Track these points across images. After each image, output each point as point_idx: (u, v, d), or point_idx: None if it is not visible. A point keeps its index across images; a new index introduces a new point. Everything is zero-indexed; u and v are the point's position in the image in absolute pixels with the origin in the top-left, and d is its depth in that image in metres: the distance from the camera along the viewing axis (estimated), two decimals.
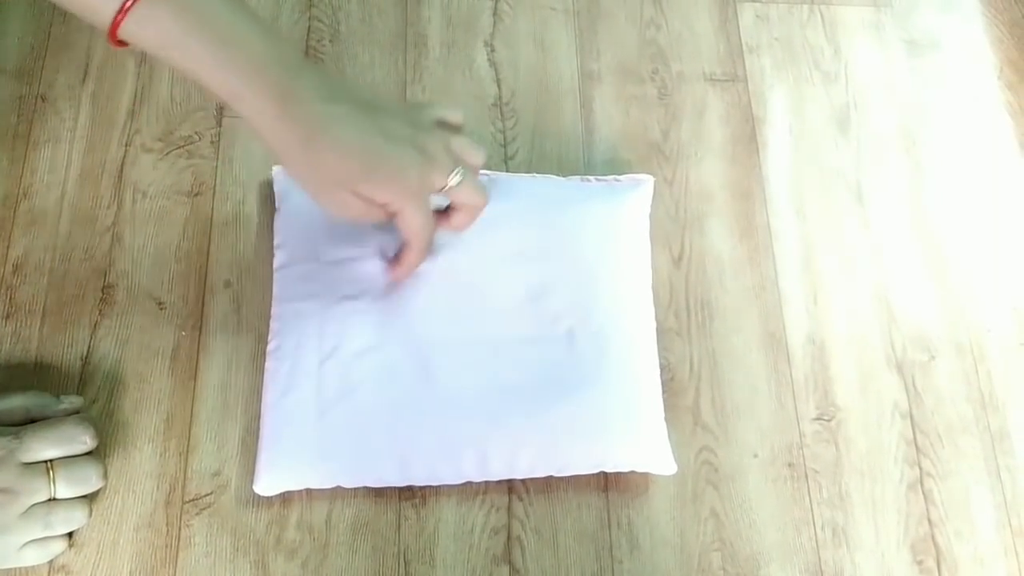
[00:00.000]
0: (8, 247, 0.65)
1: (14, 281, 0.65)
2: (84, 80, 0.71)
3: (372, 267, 0.64)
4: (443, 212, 0.59)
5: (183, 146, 0.70)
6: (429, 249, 0.59)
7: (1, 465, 0.53)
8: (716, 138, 0.75)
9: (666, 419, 0.63)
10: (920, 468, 0.65)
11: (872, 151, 0.75)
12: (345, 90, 0.53)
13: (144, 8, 0.46)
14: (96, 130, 0.70)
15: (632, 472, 0.62)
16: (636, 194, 0.69)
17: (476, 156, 0.58)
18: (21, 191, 0.67)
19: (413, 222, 0.55)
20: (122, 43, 0.48)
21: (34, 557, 0.55)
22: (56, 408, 0.58)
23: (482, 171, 0.68)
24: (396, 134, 0.53)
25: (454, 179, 0.55)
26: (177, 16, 0.47)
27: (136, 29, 0.47)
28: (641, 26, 0.79)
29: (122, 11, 0.46)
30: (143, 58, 0.72)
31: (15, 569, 0.56)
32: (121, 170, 0.69)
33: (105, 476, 0.58)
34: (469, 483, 0.61)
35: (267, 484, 0.59)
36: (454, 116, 0.59)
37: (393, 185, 0.53)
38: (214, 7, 0.48)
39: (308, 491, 0.60)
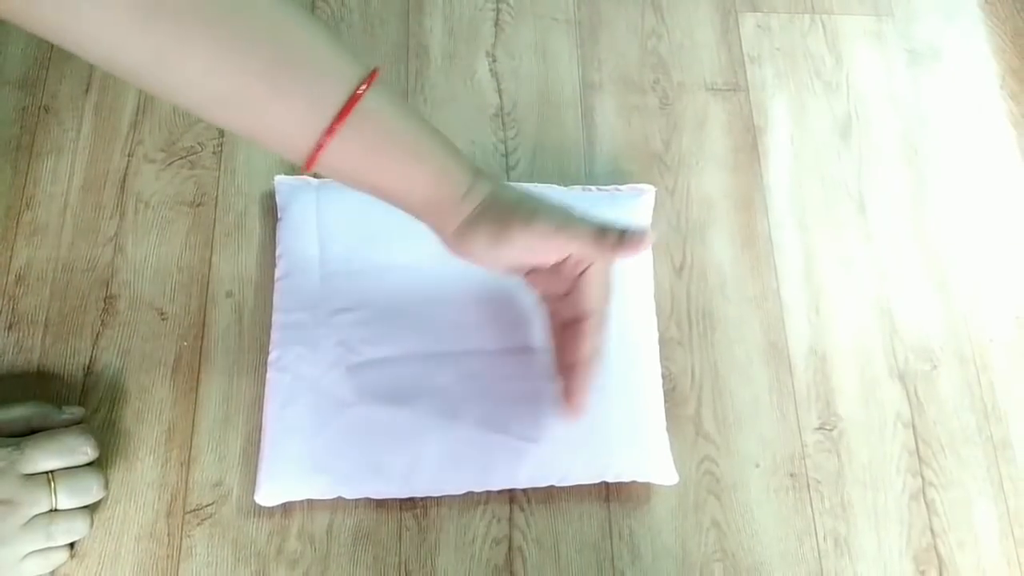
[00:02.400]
0: (11, 257, 0.66)
1: (17, 291, 0.65)
2: (87, 91, 0.72)
3: (374, 278, 0.64)
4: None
5: (185, 156, 0.70)
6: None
7: (2, 476, 0.53)
8: (717, 148, 0.75)
9: (668, 429, 0.63)
10: (922, 478, 0.65)
11: (874, 161, 0.75)
12: (512, 188, 0.55)
13: (338, 142, 0.46)
14: (99, 141, 0.70)
15: (634, 482, 0.62)
16: (637, 204, 0.69)
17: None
18: (24, 202, 0.67)
19: (602, 276, 0.55)
20: (314, 171, 0.48)
21: (35, 568, 0.55)
22: (57, 419, 0.58)
23: None
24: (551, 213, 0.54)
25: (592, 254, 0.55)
26: (366, 143, 0.48)
27: (330, 160, 0.47)
28: (642, 36, 0.79)
29: (319, 146, 0.46)
30: None
31: None
32: (124, 181, 0.69)
33: (106, 487, 0.58)
34: (470, 493, 0.61)
35: (268, 494, 0.59)
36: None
37: (580, 233, 0.53)
38: (398, 125, 0.49)
39: (309, 501, 0.60)
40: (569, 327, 0.57)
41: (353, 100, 0.46)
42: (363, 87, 0.46)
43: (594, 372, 0.57)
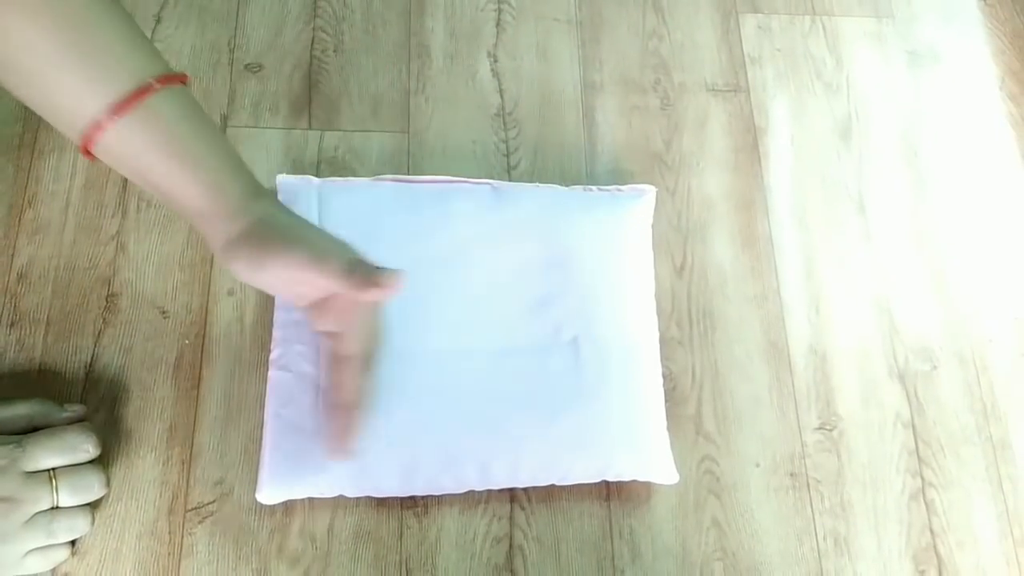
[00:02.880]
0: (13, 256, 0.66)
1: (18, 289, 0.65)
2: None
3: None
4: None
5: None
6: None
7: (4, 474, 0.53)
8: (718, 148, 0.75)
9: (668, 428, 0.63)
10: (922, 478, 0.65)
11: (874, 161, 0.76)
12: (288, 213, 0.54)
13: (119, 129, 0.46)
14: None
15: (634, 481, 0.62)
16: (638, 204, 0.69)
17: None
18: (26, 200, 0.68)
19: (370, 318, 0.56)
20: (91, 155, 0.48)
21: (37, 565, 0.55)
22: (59, 416, 0.58)
23: (485, 180, 0.69)
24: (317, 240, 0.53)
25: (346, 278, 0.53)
26: (147, 138, 0.48)
27: (108, 145, 0.47)
28: (643, 37, 0.79)
29: (98, 127, 0.46)
30: None
31: None
32: (125, 179, 0.69)
33: (107, 484, 0.58)
34: (471, 492, 0.61)
35: (270, 493, 0.59)
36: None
37: (330, 268, 0.52)
38: (182, 131, 0.49)
39: (310, 500, 0.60)
40: (340, 365, 0.57)
41: (142, 91, 0.46)
42: (156, 84, 0.47)
43: (362, 415, 0.57)
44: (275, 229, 0.51)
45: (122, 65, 0.47)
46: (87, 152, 0.48)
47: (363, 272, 0.51)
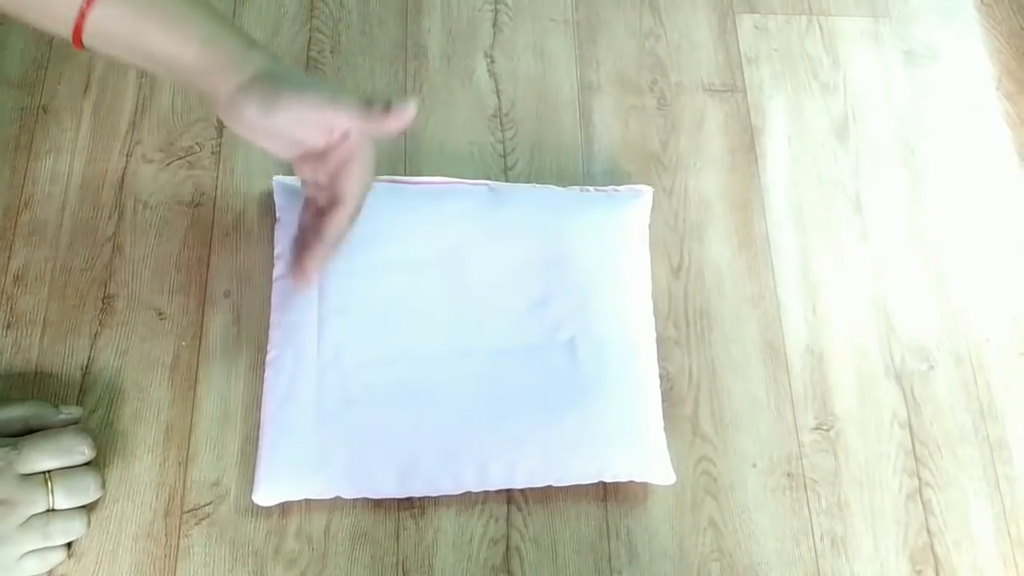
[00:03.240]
0: (9, 257, 0.66)
1: (15, 291, 0.65)
2: (86, 91, 0.72)
3: (372, 278, 0.64)
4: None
5: (184, 157, 0.70)
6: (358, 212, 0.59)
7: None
8: (715, 148, 0.75)
9: (665, 429, 0.63)
10: (919, 478, 0.65)
11: (871, 161, 0.76)
12: (284, 66, 0.55)
13: (100, 8, 0.49)
14: (97, 141, 0.70)
15: (631, 482, 0.62)
16: (635, 204, 0.69)
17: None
18: (22, 201, 0.67)
19: (364, 166, 0.57)
20: (84, 46, 0.50)
21: (33, 567, 0.55)
22: (55, 418, 0.58)
23: (482, 181, 0.69)
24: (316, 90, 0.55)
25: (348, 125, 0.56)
26: (131, 9, 0.50)
27: (97, 28, 0.49)
28: (640, 37, 0.79)
29: (81, 15, 0.48)
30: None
31: None
32: (122, 181, 0.69)
33: (103, 486, 0.58)
34: (468, 493, 0.61)
35: (266, 494, 0.59)
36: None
37: (347, 103, 0.54)
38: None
39: (307, 501, 0.60)
40: (322, 213, 0.58)
41: None
42: None
43: (331, 254, 0.58)
44: (282, 76, 0.53)
45: None
46: (78, 42, 0.50)
47: (380, 105, 0.54)
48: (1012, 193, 0.76)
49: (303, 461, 0.59)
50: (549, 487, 0.62)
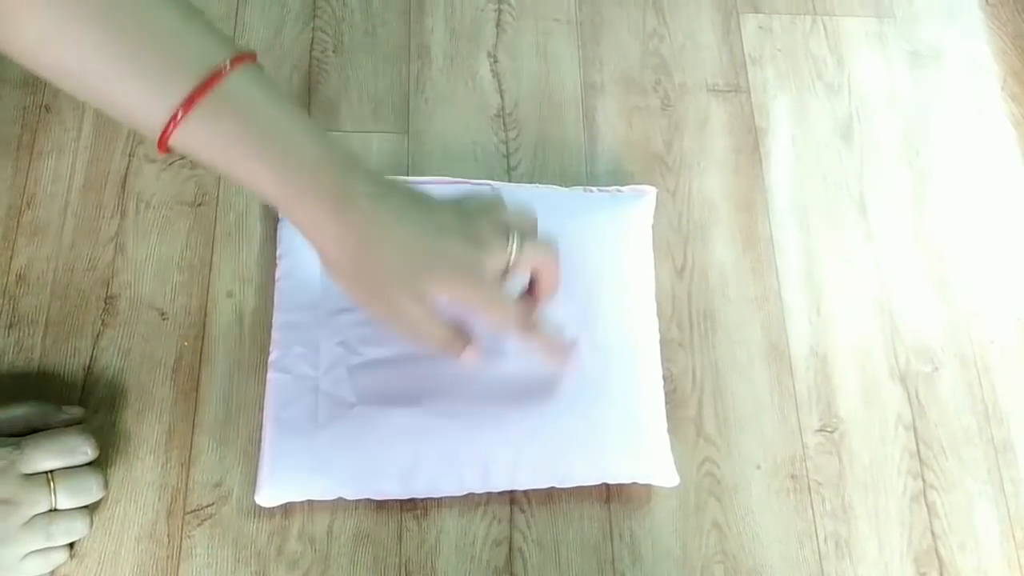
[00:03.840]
0: (11, 257, 0.66)
1: (17, 291, 0.65)
2: None
3: None
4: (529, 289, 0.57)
5: (186, 157, 0.70)
6: (531, 328, 0.55)
7: (2, 476, 0.53)
8: (719, 149, 0.75)
9: (669, 430, 0.63)
10: (923, 480, 0.65)
11: (875, 162, 0.75)
12: (396, 189, 0.51)
13: (195, 120, 0.45)
14: (100, 140, 0.70)
15: (634, 484, 0.62)
16: (639, 205, 0.69)
17: (527, 218, 0.55)
18: (25, 201, 0.67)
19: (493, 313, 0.53)
20: (169, 150, 0.47)
21: (35, 568, 0.55)
22: (57, 418, 0.58)
23: (485, 181, 0.69)
24: (448, 227, 0.51)
25: (512, 249, 0.52)
26: (230, 126, 0.46)
27: (186, 139, 0.46)
28: (644, 37, 0.79)
29: (174, 121, 0.45)
30: None
31: None
32: (125, 180, 0.69)
33: (106, 486, 0.58)
34: (471, 494, 0.61)
35: (268, 495, 0.59)
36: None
37: (456, 277, 0.51)
38: (268, 113, 0.47)
39: (310, 502, 0.60)
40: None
41: (213, 78, 0.45)
42: (227, 67, 0.45)
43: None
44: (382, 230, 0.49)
45: (191, 56, 0.45)
46: (165, 147, 0.46)
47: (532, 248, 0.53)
48: (1017, 194, 0.76)
49: (305, 462, 0.59)
50: (552, 488, 0.62)
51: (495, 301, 0.53)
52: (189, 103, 0.44)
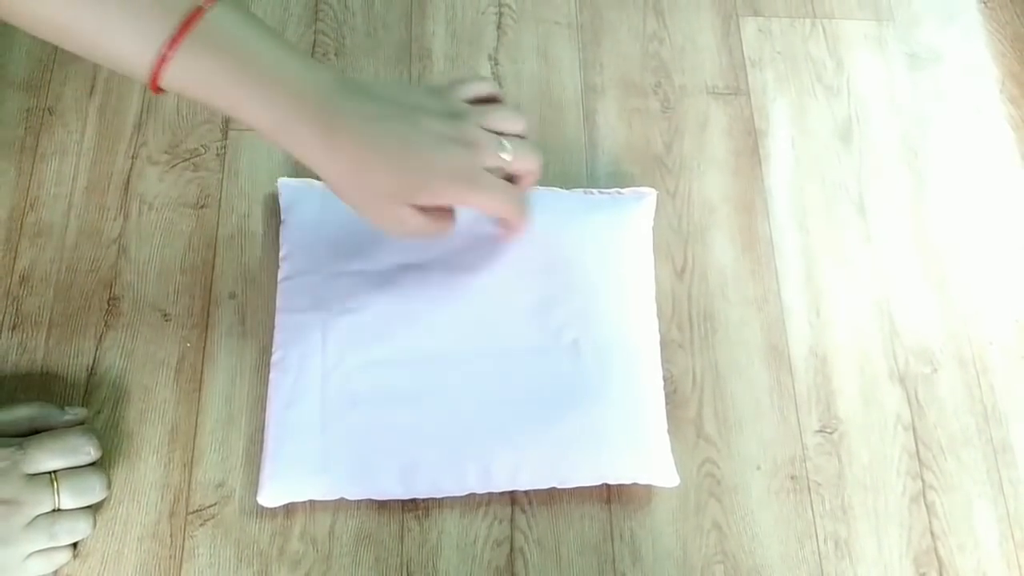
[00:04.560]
0: (15, 258, 0.66)
1: (20, 292, 0.65)
2: (91, 93, 0.72)
3: (377, 280, 0.64)
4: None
5: (189, 158, 0.70)
6: (526, 213, 0.58)
7: (5, 476, 0.53)
8: (719, 151, 0.75)
9: (669, 431, 0.63)
10: (923, 481, 0.65)
11: (874, 164, 0.76)
12: (381, 99, 0.53)
13: (182, 57, 0.47)
14: (103, 142, 0.70)
15: (635, 484, 0.62)
16: (639, 207, 0.69)
17: (516, 124, 0.57)
18: (28, 203, 0.68)
19: (492, 206, 0.56)
20: (161, 90, 0.49)
21: (38, 568, 0.55)
22: (60, 419, 0.58)
23: None
24: (437, 133, 0.53)
25: (505, 155, 0.55)
26: (215, 59, 0.48)
27: (175, 77, 0.48)
28: (644, 40, 0.79)
29: (161, 60, 0.47)
30: None
31: None
32: (127, 182, 0.69)
33: (109, 487, 0.58)
34: (472, 495, 0.61)
35: (271, 495, 0.59)
36: (484, 89, 0.58)
37: (451, 187, 0.53)
38: (250, 44, 0.49)
39: (311, 503, 0.60)
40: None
41: (195, 14, 0.47)
42: (206, 2, 0.47)
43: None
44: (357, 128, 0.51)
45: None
46: (157, 88, 0.48)
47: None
48: (1015, 196, 0.76)
49: (308, 462, 0.59)
50: (553, 489, 0.62)
51: (495, 198, 0.55)
52: (173, 42, 0.46)
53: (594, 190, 0.70)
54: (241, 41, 0.49)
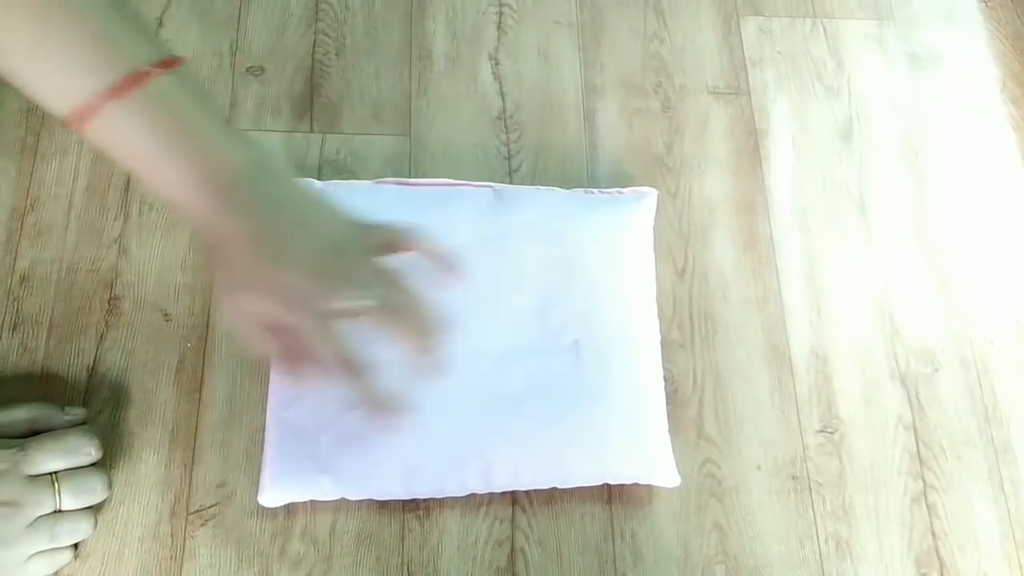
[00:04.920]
0: (15, 258, 0.66)
1: (21, 292, 0.65)
2: None
3: None
4: None
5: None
6: (353, 367, 0.52)
7: (6, 477, 0.53)
8: (719, 151, 0.75)
9: (670, 431, 0.63)
10: (924, 481, 0.65)
11: (875, 164, 0.76)
12: (298, 204, 0.50)
13: (112, 113, 0.44)
14: None
15: (636, 484, 0.62)
16: (639, 207, 0.69)
17: (401, 288, 0.53)
18: (28, 203, 0.68)
19: (307, 336, 0.50)
20: (70, 126, 0.45)
21: (40, 569, 0.55)
22: (61, 420, 0.58)
23: (487, 183, 0.69)
24: (307, 252, 0.49)
25: (351, 303, 0.51)
26: (147, 127, 0.45)
27: (102, 130, 0.45)
28: (644, 40, 0.79)
29: (90, 108, 0.44)
30: None
31: None
32: (128, 182, 0.69)
33: (110, 487, 0.58)
34: (473, 495, 0.61)
35: (271, 496, 0.59)
36: (406, 237, 0.55)
37: (276, 298, 0.48)
38: (186, 116, 0.46)
39: (312, 503, 0.60)
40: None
41: (139, 77, 0.44)
42: (156, 69, 0.44)
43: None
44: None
45: (124, 51, 0.44)
46: (74, 123, 0.45)
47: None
48: (1016, 196, 0.76)
49: (308, 463, 0.59)
50: (554, 489, 0.62)
51: (313, 331, 0.50)
52: (109, 94, 0.44)
53: (594, 190, 0.70)
54: (181, 113, 0.46)
